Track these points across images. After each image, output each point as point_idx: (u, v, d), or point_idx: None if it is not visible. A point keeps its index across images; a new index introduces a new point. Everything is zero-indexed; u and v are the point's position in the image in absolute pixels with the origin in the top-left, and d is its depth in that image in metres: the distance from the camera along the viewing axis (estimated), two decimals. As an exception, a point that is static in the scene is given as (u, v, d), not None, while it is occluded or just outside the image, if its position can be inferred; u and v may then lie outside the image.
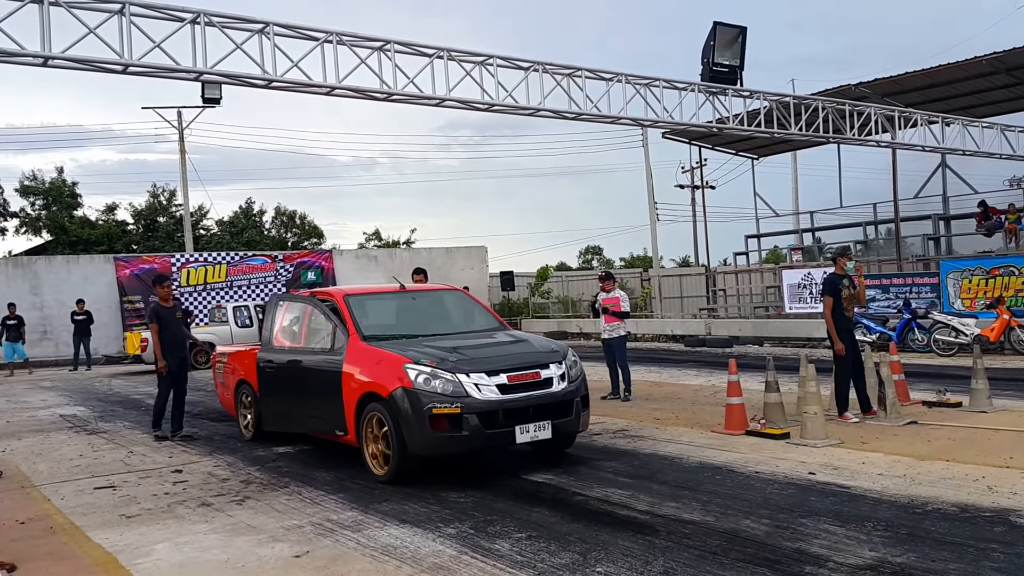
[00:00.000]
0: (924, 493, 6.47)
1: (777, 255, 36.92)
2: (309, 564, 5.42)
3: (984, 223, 22.61)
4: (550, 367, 7.92)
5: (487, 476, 7.88)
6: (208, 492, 7.69)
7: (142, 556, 5.79)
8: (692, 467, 7.83)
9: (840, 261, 10.15)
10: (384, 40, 11.28)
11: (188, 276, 29.75)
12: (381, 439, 7.76)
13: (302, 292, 10.57)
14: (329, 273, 31.94)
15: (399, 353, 7.82)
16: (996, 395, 10.53)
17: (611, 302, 12.55)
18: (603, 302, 12.60)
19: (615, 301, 12.54)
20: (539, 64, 12.52)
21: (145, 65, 10.04)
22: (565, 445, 8.69)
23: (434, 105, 12.09)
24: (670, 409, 11.46)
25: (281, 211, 48.74)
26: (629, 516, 6.25)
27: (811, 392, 8.81)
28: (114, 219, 43.39)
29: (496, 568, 5.17)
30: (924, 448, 8.12)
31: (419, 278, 12.27)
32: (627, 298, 12.95)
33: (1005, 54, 19.53)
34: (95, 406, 15.27)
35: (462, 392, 7.39)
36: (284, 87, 10.99)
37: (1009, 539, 5.28)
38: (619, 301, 12.54)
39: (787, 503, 6.39)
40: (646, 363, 19.00)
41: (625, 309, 12.60)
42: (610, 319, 12.52)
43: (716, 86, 13.95)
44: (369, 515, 6.58)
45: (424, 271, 12.85)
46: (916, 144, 17.13)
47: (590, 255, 69.52)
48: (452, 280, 32.19)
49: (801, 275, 22.82)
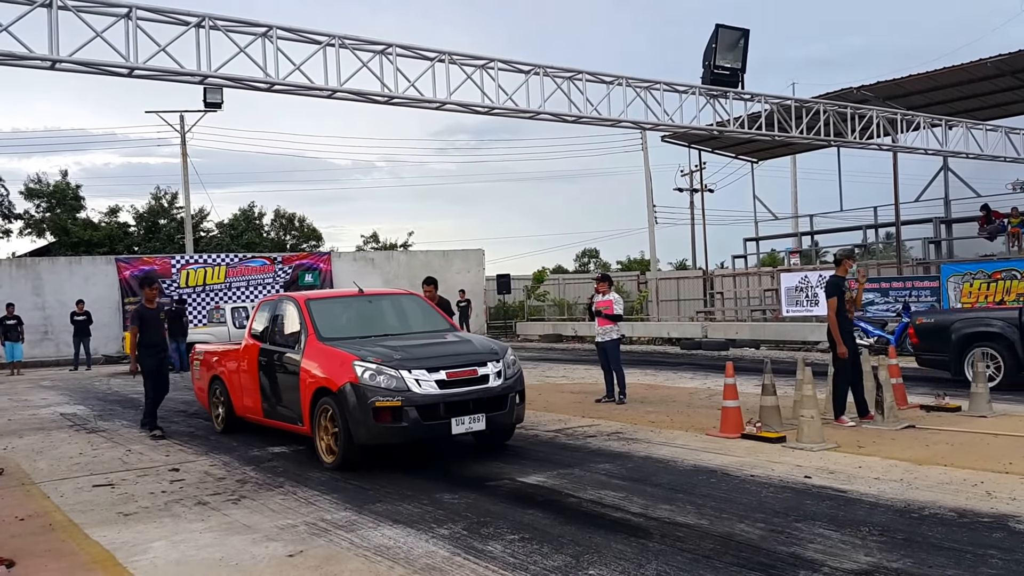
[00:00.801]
0: (921, 498, 6.44)
1: (775, 258, 36.93)
2: (303, 563, 5.42)
3: (987, 227, 22.61)
4: (487, 365, 8.63)
5: (481, 478, 7.87)
6: (204, 491, 7.72)
7: (139, 553, 5.81)
8: (687, 470, 7.82)
9: (846, 263, 10.11)
10: (386, 44, 11.30)
11: (188, 277, 29.88)
12: (331, 430, 8.46)
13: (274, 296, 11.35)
14: (327, 275, 32.01)
15: (349, 351, 8.54)
16: (996, 400, 10.51)
17: (604, 305, 12.53)
18: (597, 305, 12.59)
19: (608, 304, 12.52)
20: (540, 67, 12.53)
21: (150, 68, 10.10)
22: (504, 438, 9.45)
23: (435, 108, 12.10)
24: (665, 412, 11.45)
25: (280, 214, 48.91)
26: (623, 519, 6.24)
27: (808, 396, 8.79)
28: (116, 221, 43.81)
29: (488, 570, 5.16)
30: (922, 452, 8.09)
31: (429, 289, 11.90)
32: (621, 301, 12.93)
33: (1011, 56, 19.50)
34: (95, 405, 15.39)
35: (404, 387, 8.09)
36: (286, 90, 11.01)
37: (1008, 545, 5.25)
38: (612, 304, 12.51)
39: (782, 507, 6.37)
40: (642, 366, 19.00)
41: (618, 312, 12.57)
42: (603, 322, 12.51)
43: (717, 89, 13.95)
44: (363, 515, 6.58)
45: (435, 281, 12.26)
46: (918, 147, 17.11)
47: (587, 258, 69.54)
48: (449, 283, 32.39)
49: (799, 278, 22.80)
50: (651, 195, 33.98)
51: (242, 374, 10.55)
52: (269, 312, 10.40)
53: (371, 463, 8.59)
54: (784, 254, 31.87)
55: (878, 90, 21.62)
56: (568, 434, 10.08)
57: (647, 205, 33.90)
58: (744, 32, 14.06)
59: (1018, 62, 19.85)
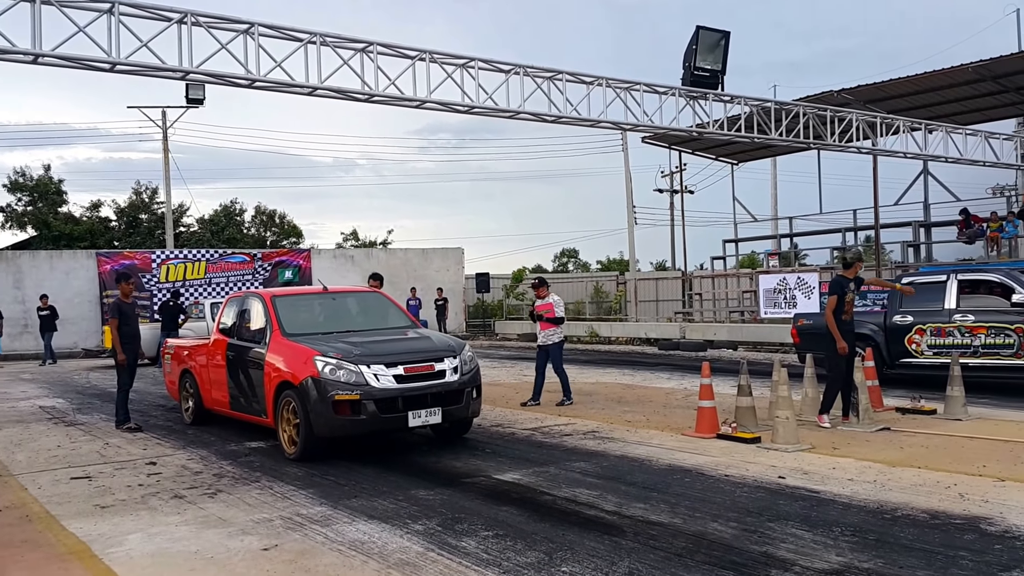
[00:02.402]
0: (894, 499, 6.50)
1: (754, 260, 37.14)
2: (277, 557, 5.43)
3: (965, 230, 22.79)
4: (444, 360, 8.98)
5: (457, 475, 7.90)
6: (181, 485, 7.73)
7: (115, 545, 5.83)
8: (661, 469, 7.86)
9: (857, 265, 10.14)
10: (367, 42, 11.29)
11: (168, 272, 29.75)
12: (293, 422, 8.73)
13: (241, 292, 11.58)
14: (307, 272, 31.94)
15: (311, 347, 8.84)
16: (972, 403, 10.62)
17: (545, 308, 12.39)
18: (538, 308, 12.46)
19: (549, 307, 12.38)
20: (520, 67, 12.56)
21: (132, 64, 10.08)
22: (462, 431, 9.78)
23: (415, 107, 12.10)
24: (641, 412, 11.50)
25: (261, 210, 48.84)
26: (596, 516, 6.28)
27: (783, 397, 8.86)
28: (98, 216, 43.71)
29: (462, 566, 5.18)
30: (896, 454, 8.17)
31: (375, 284, 12.50)
32: (562, 303, 12.77)
33: (991, 62, 19.64)
34: (73, 398, 15.37)
35: (363, 381, 8.42)
36: (267, 87, 11.00)
37: (979, 547, 5.30)
38: (553, 307, 12.38)
39: (755, 507, 6.43)
40: (619, 366, 19.08)
41: (560, 315, 12.44)
42: (546, 325, 12.35)
43: (697, 90, 14.01)
44: (338, 510, 6.59)
45: (380, 276, 12.96)
46: (898, 151, 17.25)
47: (566, 258, 69.69)
48: (428, 281, 32.44)
49: (777, 280, 22.94)
50: (631, 196, 34.07)
51: (211, 368, 10.79)
52: (237, 308, 10.66)
53: (349, 458, 8.66)
54: (763, 256, 32.05)
55: (859, 93, 21.73)
56: (544, 432, 10.12)
57: (627, 206, 33.99)
58: (724, 34, 14.12)
59: (999, 67, 20.01)
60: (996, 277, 12.54)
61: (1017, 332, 11.79)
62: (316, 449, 8.61)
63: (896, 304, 13.32)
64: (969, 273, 13.21)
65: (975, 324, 12.18)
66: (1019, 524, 5.74)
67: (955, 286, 12.64)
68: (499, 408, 12.22)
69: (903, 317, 13.10)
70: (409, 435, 9.90)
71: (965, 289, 12.66)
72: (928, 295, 12.93)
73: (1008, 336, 11.88)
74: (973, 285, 12.76)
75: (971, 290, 12.69)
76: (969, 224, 22.69)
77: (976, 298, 12.58)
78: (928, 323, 12.70)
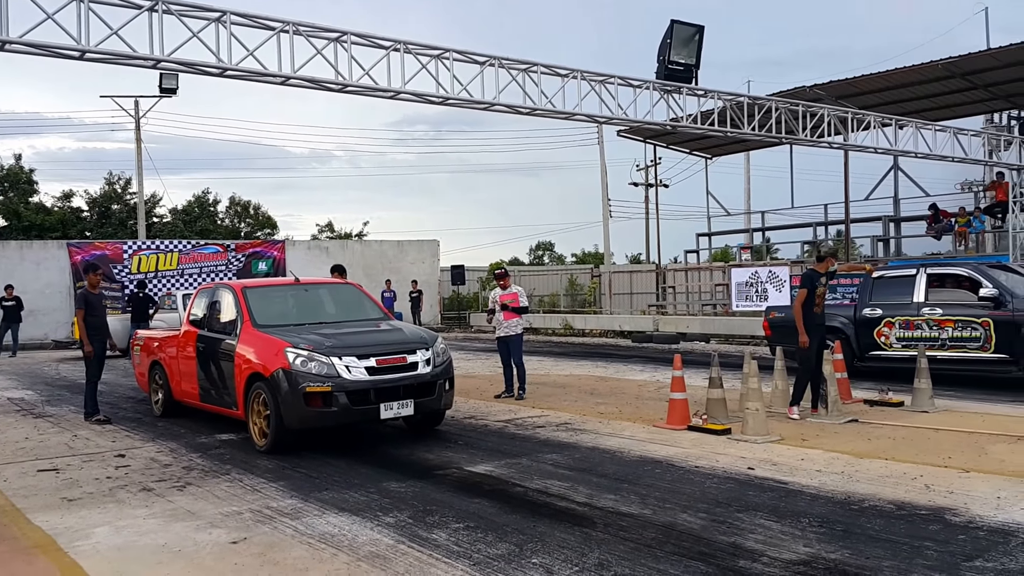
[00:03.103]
0: (861, 490, 6.57)
1: (727, 254, 37.35)
2: (245, 550, 5.41)
3: (934, 225, 23.04)
4: (417, 352, 8.98)
5: (429, 467, 7.90)
6: (150, 477, 7.67)
7: (81, 539, 5.78)
8: (632, 461, 7.90)
9: (829, 260, 10.25)
10: (341, 31, 11.20)
11: (140, 263, 29.47)
12: (264, 414, 8.69)
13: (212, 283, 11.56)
14: (281, 263, 31.76)
15: (282, 338, 8.81)
16: (939, 395, 10.75)
17: (510, 298, 12.30)
18: (501, 299, 12.34)
19: (514, 296, 12.32)
20: (495, 59, 12.50)
21: (102, 52, 9.93)
22: (434, 423, 9.77)
23: (389, 98, 12.02)
24: (614, 404, 11.54)
25: (235, 201, 48.47)
26: (567, 508, 6.30)
27: (753, 389, 8.93)
28: (69, 206, 43.25)
29: (432, 558, 5.19)
30: (864, 446, 8.26)
31: (337, 276, 12.52)
32: (524, 293, 12.75)
33: (961, 59, 19.82)
34: (43, 390, 15.23)
35: (334, 373, 8.39)
36: (239, 76, 10.88)
37: (943, 537, 5.38)
38: (517, 296, 12.34)
39: (725, 497, 6.48)
40: (593, 358, 19.14)
41: (524, 304, 12.39)
42: (509, 315, 12.27)
43: (671, 84, 14.02)
44: (309, 503, 6.57)
45: (342, 268, 13.01)
46: (868, 146, 17.34)
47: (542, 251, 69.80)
48: (403, 273, 32.36)
49: (749, 274, 23.09)
50: (606, 189, 34.19)
51: (180, 360, 10.71)
52: (207, 299, 10.60)
53: (321, 451, 8.64)
54: (736, 250, 32.23)
55: (831, 89, 21.89)
56: (517, 424, 10.14)
57: (602, 199, 34.08)
58: (699, 28, 14.13)
59: (968, 64, 20.21)
60: (964, 271, 12.67)
61: (984, 325, 11.92)
62: (287, 441, 8.58)
63: (866, 297, 13.47)
64: (938, 267, 13.36)
65: (943, 318, 12.33)
66: (982, 514, 5.83)
67: (924, 280, 12.79)
68: (473, 400, 12.23)
69: (872, 310, 13.25)
70: (381, 427, 9.88)
71: (934, 283, 12.81)
72: (897, 289, 13.08)
73: (975, 329, 12.02)
74: (942, 279, 12.89)
75: (940, 284, 12.82)
76: (938, 219, 22.94)
77: (944, 292, 12.70)
78: (897, 316, 12.84)
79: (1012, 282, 12.36)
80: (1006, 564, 4.86)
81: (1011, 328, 11.67)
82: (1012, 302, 11.80)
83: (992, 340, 11.85)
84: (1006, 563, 4.87)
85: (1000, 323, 11.79)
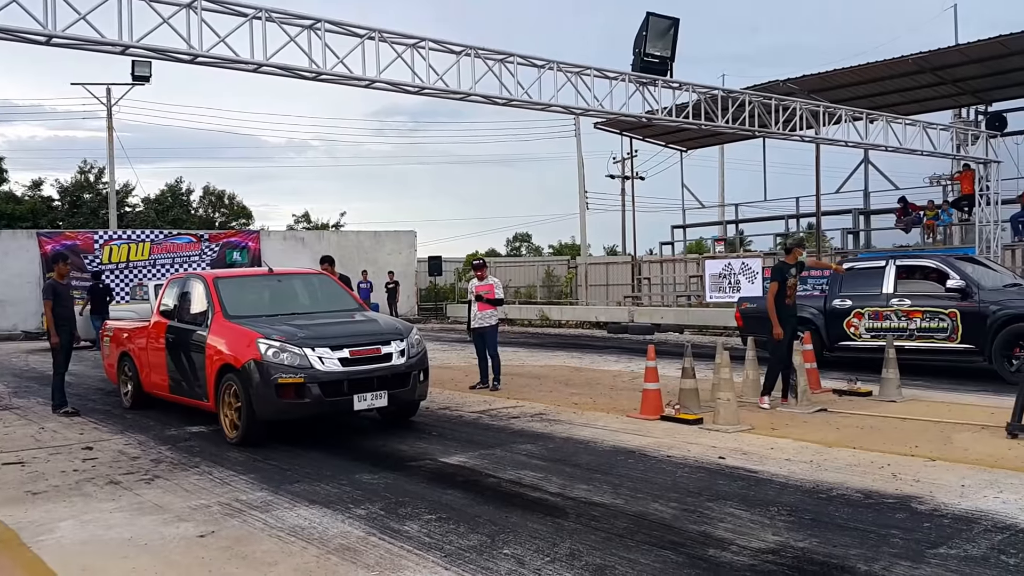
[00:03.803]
0: (829, 479, 6.63)
1: (701, 246, 37.55)
2: (213, 544, 5.37)
3: (903, 218, 23.27)
4: (391, 344, 8.92)
5: (403, 458, 7.87)
6: (117, 470, 7.59)
7: (45, 533, 5.70)
8: (606, 451, 7.93)
9: (796, 251, 10.34)
10: (314, 19, 11.09)
11: (111, 253, 29.14)
12: (235, 405, 8.61)
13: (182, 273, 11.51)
14: (256, 254, 31.52)
15: (253, 329, 8.72)
16: (907, 385, 10.87)
17: (485, 289, 12.31)
18: (476, 289, 12.34)
19: (489, 288, 12.34)
20: (471, 48, 12.45)
21: (69, 37, 9.76)
22: (408, 414, 9.76)
23: (364, 86, 11.94)
24: (588, 394, 11.58)
25: (209, 191, 48.06)
26: (540, 498, 6.31)
27: (725, 379, 8.99)
28: (40, 195, 42.71)
29: (403, 550, 5.17)
30: (832, 435, 8.34)
31: (326, 267, 12.48)
32: (500, 285, 12.78)
33: (930, 54, 20.04)
34: (10, 381, 15.05)
35: (307, 364, 8.32)
36: (210, 63, 10.74)
37: (909, 525, 5.43)
38: (493, 288, 12.35)
39: (695, 487, 6.52)
40: (568, 349, 19.20)
41: (499, 296, 12.42)
42: (484, 307, 12.27)
43: (646, 77, 14.03)
44: (279, 495, 6.53)
45: (331, 259, 13.01)
46: (839, 139, 17.48)
47: (519, 242, 69.79)
48: (380, 264, 32.22)
49: (722, 265, 23.23)
50: (583, 181, 34.25)
51: (150, 351, 10.61)
52: (178, 289, 10.48)
53: (293, 443, 8.60)
54: (711, 242, 32.40)
55: (804, 83, 22.00)
56: (492, 415, 10.14)
57: (579, 191, 34.14)
58: (674, 21, 14.15)
59: (937, 60, 20.43)
60: (932, 263, 12.86)
61: (951, 316, 12.13)
62: (258, 433, 8.52)
63: (836, 288, 13.63)
64: (907, 259, 13.53)
65: (911, 308, 12.49)
66: (947, 502, 5.90)
67: (893, 272, 12.93)
68: (448, 391, 12.22)
69: (842, 301, 13.42)
70: (355, 419, 9.82)
71: (903, 275, 12.96)
72: (867, 280, 13.22)
73: (942, 320, 12.22)
74: (910, 271, 13.06)
75: (908, 276, 12.99)
76: (907, 212, 23.17)
77: (913, 283, 12.87)
78: (866, 307, 12.98)
79: (979, 274, 12.54)
80: (968, 551, 4.92)
81: (977, 319, 11.87)
82: (978, 293, 12.00)
83: (959, 331, 12.06)
84: (968, 550, 4.94)
85: (967, 314, 11.99)
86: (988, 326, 11.77)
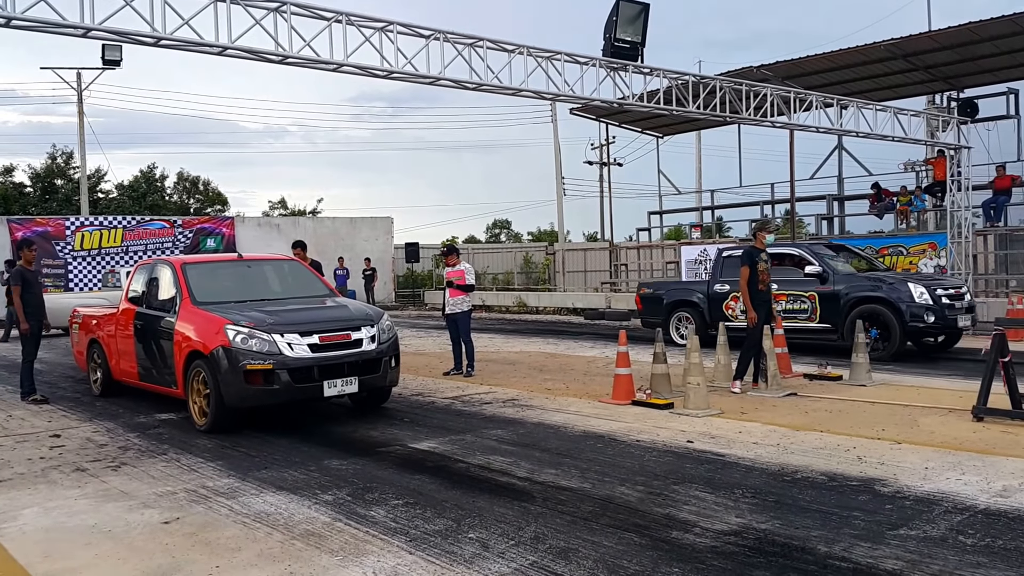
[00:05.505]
0: (795, 462, 6.69)
1: (680, 232, 37.67)
2: (177, 530, 5.34)
3: (877, 204, 23.43)
4: (362, 330, 8.89)
5: (372, 444, 7.87)
6: (84, 457, 7.54)
7: (7, 521, 5.66)
8: (576, 436, 7.96)
9: (760, 235, 10.43)
10: (280, 1, 10.98)
11: (82, 240, 28.79)
12: (203, 392, 8.55)
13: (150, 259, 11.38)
14: (230, 240, 31.27)
15: (222, 315, 8.68)
16: (876, 369, 10.98)
17: (456, 275, 12.32)
18: (448, 276, 12.38)
19: (460, 274, 12.34)
20: (440, 32, 12.36)
21: (30, 19, 9.59)
22: (380, 400, 9.74)
23: (331, 70, 11.82)
24: (562, 380, 11.61)
25: (184, 177, 47.62)
26: (508, 483, 6.33)
27: (695, 364, 9.04)
28: (11, 181, 42.07)
29: (368, 535, 5.17)
30: (800, 419, 8.41)
31: (299, 252, 12.54)
32: (472, 271, 12.81)
33: (902, 40, 20.19)
34: (-23, 371, 14.78)
35: (276, 350, 8.28)
36: (174, 45, 10.60)
37: (872, 507, 5.49)
38: (464, 274, 12.37)
39: (663, 470, 6.56)
40: (544, 335, 19.23)
41: (471, 282, 12.43)
42: (455, 293, 12.29)
43: (617, 62, 13.99)
44: (247, 482, 6.51)
45: (304, 244, 13.08)
46: (811, 125, 17.51)
47: (498, 229, 69.76)
48: (356, 251, 32.09)
49: (698, 251, 23.36)
50: (560, 167, 34.27)
51: (119, 338, 10.54)
52: (146, 276, 10.38)
53: (263, 429, 8.57)
54: (688, 228, 32.52)
55: (777, 69, 22.09)
56: (464, 401, 10.15)
57: (556, 177, 34.12)
58: (645, 6, 14.11)
59: (909, 46, 20.57)
60: (795, 251, 14.44)
61: (811, 299, 13.70)
62: (227, 420, 8.48)
63: (717, 274, 15.05)
64: (776, 247, 14.23)
65: (778, 292, 13.16)
66: (910, 485, 5.97)
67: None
68: (421, 377, 12.21)
69: (722, 286, 14.96)
70: (327, 406, 9.80)
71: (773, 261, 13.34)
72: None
73: (804, 302, 13.80)
74: (780, 258, 14.04)
75: (778, 263, 13.70)
76: (880, 198, 23.33)
77: (781, 269, 13.71)
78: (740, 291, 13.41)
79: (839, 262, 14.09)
80: (928, 532, 4.98)
81: (832, 300, 13.43)
82: (833, 278, 13.54)
83: (817, 312, 13.64)
84: (928, 531, 5.00)
85: (823, 296, 13.57)
86: (841, 307, 13.29)
